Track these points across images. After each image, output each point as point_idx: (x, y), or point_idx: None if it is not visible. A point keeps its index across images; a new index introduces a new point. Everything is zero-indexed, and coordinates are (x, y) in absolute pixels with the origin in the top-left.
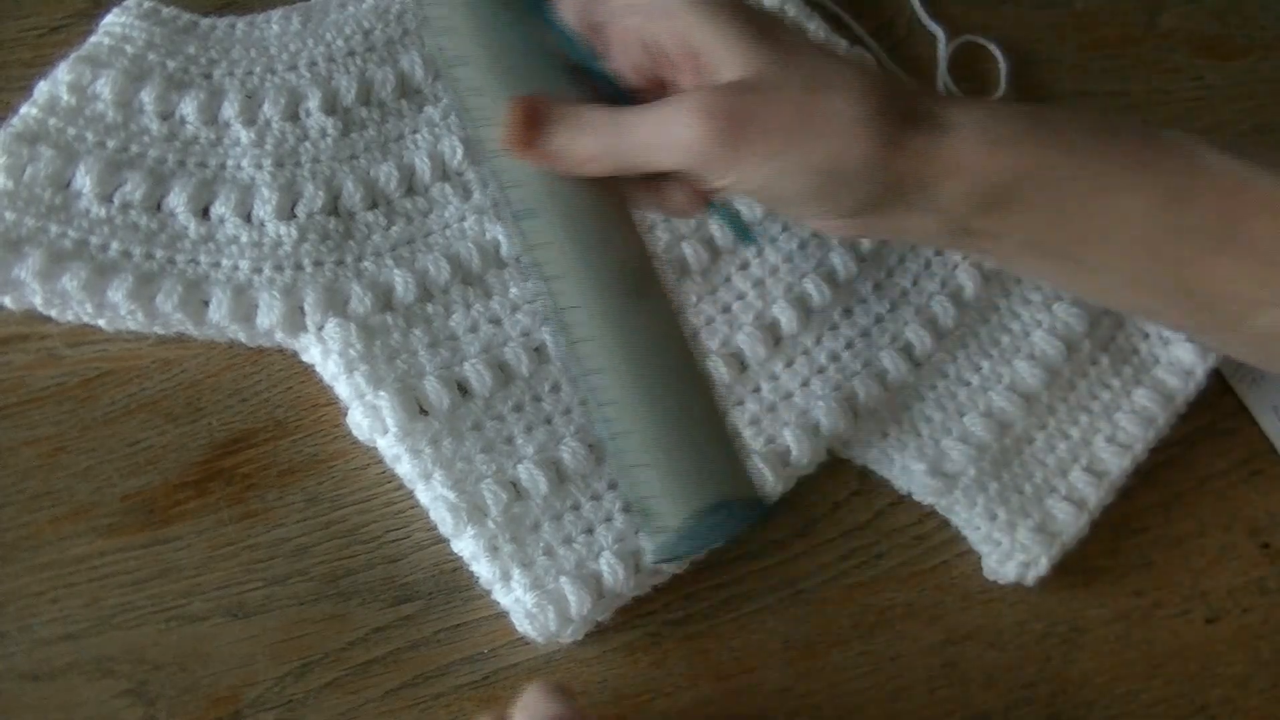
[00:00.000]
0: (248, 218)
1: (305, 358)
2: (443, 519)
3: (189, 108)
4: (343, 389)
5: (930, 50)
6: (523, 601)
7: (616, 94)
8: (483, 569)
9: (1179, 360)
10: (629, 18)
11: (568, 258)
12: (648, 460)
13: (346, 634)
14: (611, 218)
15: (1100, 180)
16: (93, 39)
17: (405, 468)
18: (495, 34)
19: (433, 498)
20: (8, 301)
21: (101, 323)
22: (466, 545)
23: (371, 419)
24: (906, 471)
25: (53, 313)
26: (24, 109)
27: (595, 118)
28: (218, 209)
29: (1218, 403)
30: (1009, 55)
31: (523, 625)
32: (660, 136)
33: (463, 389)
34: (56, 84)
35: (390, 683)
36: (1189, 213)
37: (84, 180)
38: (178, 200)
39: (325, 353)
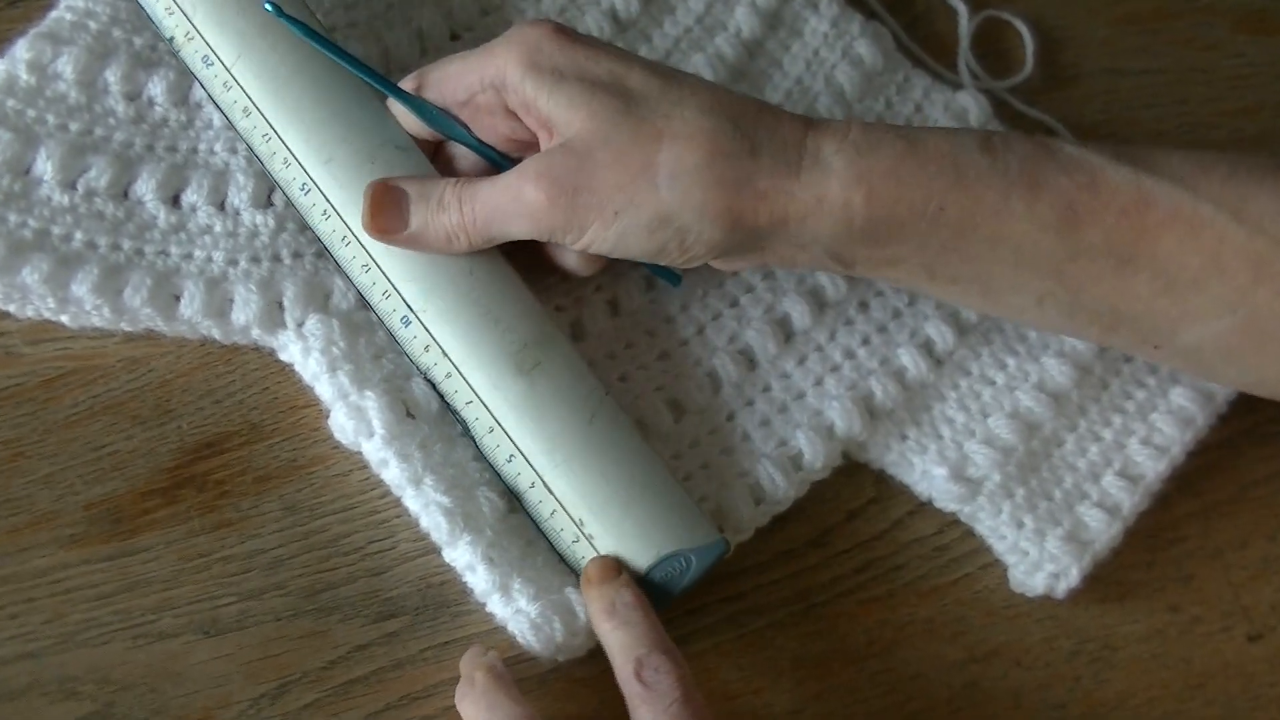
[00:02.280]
0: (221, 206)
1: (283, 356)
2: (437, 525)
3: (157, 88)
4: (324, 389)
5: (951, 26)
6: (525, 612)
7: (496, 161)
8: (479, 579)
9: None
10: (480, 95)
11: (452, 355)
12: (581, 535)
13: (327, 652)
14: (491, 298)
15: (988, 206)
16: (53, 14)
17: (393, 473)
18: (348, 143)
19: (424, 504)
20: None
21: (64, 319)
22: (462, 554)
23: (356, 421)
24: (927, 477)
25: (11, 308)
26: None
27: (448, 194)
28: (189, 196)
29: (1260, 404)
30: (1035, 31)
31: (526, 637)
32: (507, 206)
33: None
34: (15, 62)
35: (373, 704)
36: (1089, 234)
37: (45, 166)
38: (146, 187)
39: (306, 351)
